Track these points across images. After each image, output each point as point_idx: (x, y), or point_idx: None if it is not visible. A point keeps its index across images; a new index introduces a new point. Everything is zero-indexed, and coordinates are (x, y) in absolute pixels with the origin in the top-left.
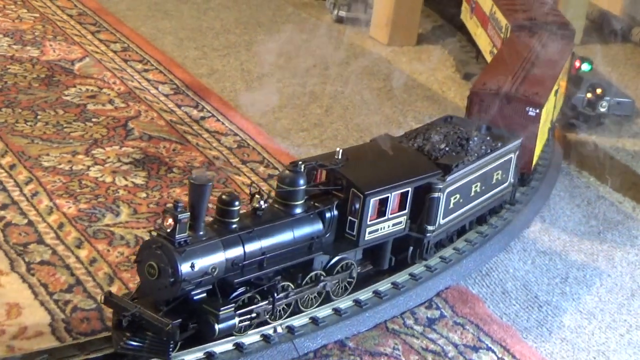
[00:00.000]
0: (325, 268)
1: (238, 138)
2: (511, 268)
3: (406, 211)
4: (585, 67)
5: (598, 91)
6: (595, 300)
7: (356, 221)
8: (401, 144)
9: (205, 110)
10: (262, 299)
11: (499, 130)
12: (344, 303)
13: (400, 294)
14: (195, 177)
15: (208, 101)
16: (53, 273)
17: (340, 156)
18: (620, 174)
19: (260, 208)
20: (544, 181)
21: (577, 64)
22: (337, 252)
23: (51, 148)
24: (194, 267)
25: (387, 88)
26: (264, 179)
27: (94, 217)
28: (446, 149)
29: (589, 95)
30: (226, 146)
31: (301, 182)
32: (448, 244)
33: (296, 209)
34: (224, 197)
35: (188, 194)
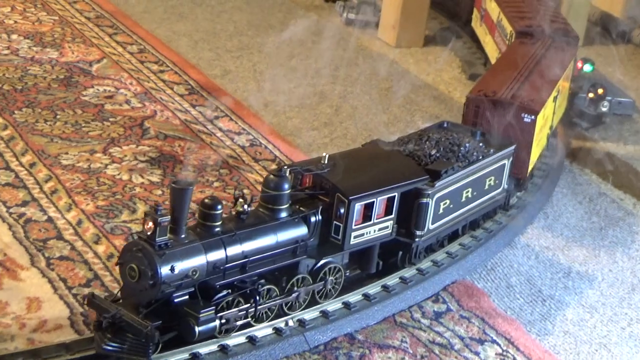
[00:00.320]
0: (310, 272)
1: (250, 137)
2: (515, 263)
3: (392, 216)
4: (587, 68)
5: (600, 91)
6: (597, 294)
7: (341, 225)
8: (391, 150)
9: (219, 110)
10: (245, 302)
11: (494, 136)
12: (354, 297)
13: (407, 288)
14: (176, 181)
15: (221, 101)
16: (72, 268)
17: (326, 161)
18: (621, 172)
19: (244, 212)
20: (547, 179)
21: (579, 65)
22: (322, 256)
23: (70, 147)
24: (174, 270)
25: (395, 88)
26: None
27: (112, 214)
28: (437, 155)
29: (591, 95)
30: (239, 145)
31: (286, 187)
32: (439, 249)
33: (281, 213)
34: (207, 201)
35: (169, 198)
